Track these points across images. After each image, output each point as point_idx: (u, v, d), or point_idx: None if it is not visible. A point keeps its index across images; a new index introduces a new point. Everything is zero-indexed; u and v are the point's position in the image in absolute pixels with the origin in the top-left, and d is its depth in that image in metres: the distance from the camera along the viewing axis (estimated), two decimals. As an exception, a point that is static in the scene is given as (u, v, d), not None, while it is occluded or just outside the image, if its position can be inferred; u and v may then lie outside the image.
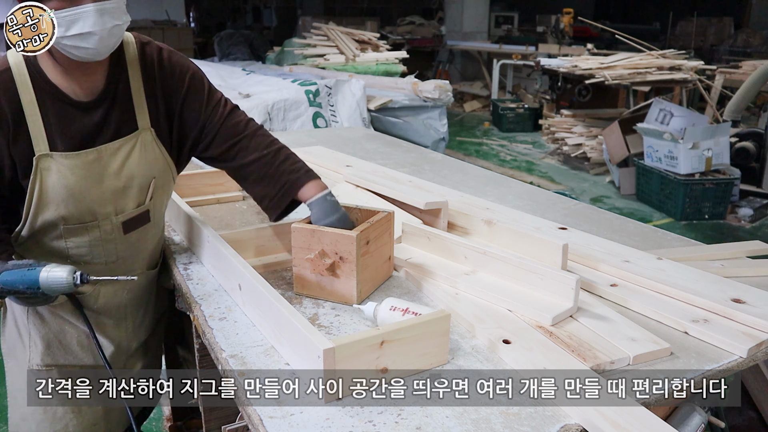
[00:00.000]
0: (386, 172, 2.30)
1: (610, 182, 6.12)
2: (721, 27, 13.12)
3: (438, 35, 11.85)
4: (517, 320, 1.30)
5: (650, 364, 1.17)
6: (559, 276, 1.33)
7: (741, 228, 4.98)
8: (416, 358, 1.13)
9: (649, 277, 1.46)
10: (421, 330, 1.12)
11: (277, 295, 1.21)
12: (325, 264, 1.35)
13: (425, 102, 5.24)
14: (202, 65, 6.13)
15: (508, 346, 1.19)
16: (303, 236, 1.38)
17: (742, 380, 1.86)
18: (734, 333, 1.25)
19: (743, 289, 1.42)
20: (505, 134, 8.43)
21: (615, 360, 1.16)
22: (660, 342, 1.21)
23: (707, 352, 1.22)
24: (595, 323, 1.28)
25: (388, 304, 1.27)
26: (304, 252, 1.38)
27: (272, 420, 1.00)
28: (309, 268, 1.38)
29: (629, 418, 0.99)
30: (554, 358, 1.15)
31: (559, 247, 1.44)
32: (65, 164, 1.31)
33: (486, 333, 1.24)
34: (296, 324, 1.10)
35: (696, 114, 5.76)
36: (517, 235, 1.56)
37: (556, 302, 1.32)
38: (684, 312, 1.34)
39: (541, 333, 1.25)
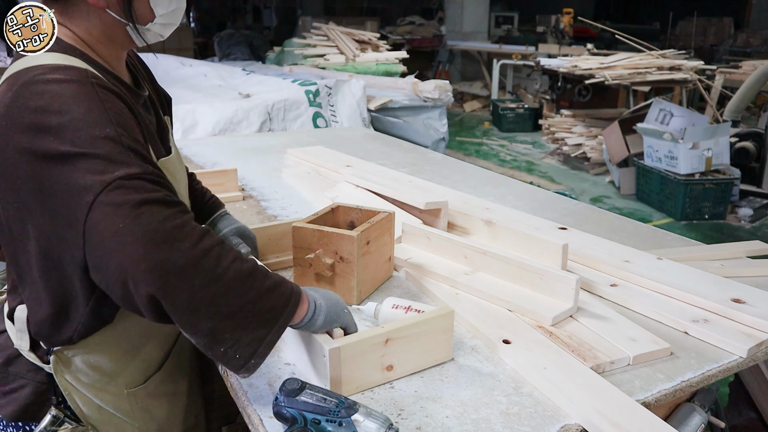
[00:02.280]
0: (386, 172, 2.30)
1: (610, 182, 6.12)
2: (721, 27, 13.12)
3: (438, 35, 11.85)
4: (517, 320, 1.30)
5: (650, 364, 1.17)
6: (560, 276, 1.33)
7: (741, 228, 4.98)
8: (421, 354, 1.13)
9: (649, 277, 1.46)
10: (425, 327, 1.12)
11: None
12: (326, 264, 1.35)
13: (425, 102, 5.24)
14: (202, 65, 6.14)
15: (508, 346, 1.19)
16: (303, 236, 1.37)
17: (742, 380, 1.86)
18: (734, 333, 1.25)
19: (743, 289, 1.42)
20: (505, 134, 8.43)
21: (615, 360, 1.16)
22: (660, 342, 1.21)
23: (707, 352, 1.22)
24: (595, 323, 1.28)
25: (390, 303, 1.27)
26: (304, 252, 1.38)
27: (272, 420, 1.00)
28: (309, 267, 1.38)
29: (630, 418, 0.99)
30: (554, 358, 1.15)
31: (559, 247, 1.44)
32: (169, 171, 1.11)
33: (486, 333, 1.24)
34: None
35: (696, 114, 5.76)
36: (517, 235, 1.56)
37: (556, 302, 1.32)
38: (684, 312, 1.34)
39: (541, 333, 1.24)
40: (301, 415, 0.94)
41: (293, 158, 2.64)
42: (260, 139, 3.28)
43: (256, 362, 0.95)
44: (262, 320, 0.93)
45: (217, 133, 4.02)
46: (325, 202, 2.05)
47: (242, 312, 0.91)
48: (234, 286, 0.89)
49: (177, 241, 0.86)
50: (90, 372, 1.11)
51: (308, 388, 0.97)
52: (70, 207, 0.87)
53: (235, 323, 0.91)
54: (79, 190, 0.86)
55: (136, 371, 1.16)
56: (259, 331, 0.93)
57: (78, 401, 1.13)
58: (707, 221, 5.04)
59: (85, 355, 1.10)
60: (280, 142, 3.10)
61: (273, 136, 3.48)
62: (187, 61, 6.22)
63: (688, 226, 4.95)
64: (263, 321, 0.93)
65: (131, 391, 1.16)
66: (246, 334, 0.92)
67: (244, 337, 0.92)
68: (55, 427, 1.13)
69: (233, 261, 0.91)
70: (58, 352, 1.09)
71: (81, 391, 1.12)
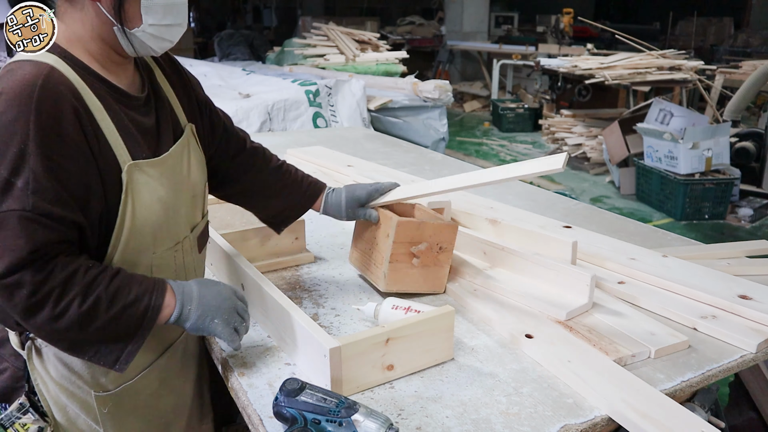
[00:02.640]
0: (388, 172, 2.30)
1: (610, 182, 6.12)
2: (721, 27, 13.12)
3: (438, 35, 11.85)
4: (536, 315, 1.32)
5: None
6: (575, 272, 1.35)
7: (741, 228, 4.98)
8: (422, 354, 1.14)
9: (655, 274, 1.48)
10: (426, 326, 1.13)
11: (281, 295, 1.21)
12: (435, 255, 1.37)
13: (425, 102, 5.24)
14: (202, 65, 6.14)
15: (531, 341, 1.22)
16: (408, 231, 1.36)
17: (742, 380, 1.86)
18: (743, 329, 1.27)
19: (749, 285, 1.43)
20: (505, 134, 8.43)
21: (636, 353, 1.18)
22: (678, 335, 1.24)
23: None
24: (611, 318, 1.31)
25: (390, 303, 1.27)
26: (404, 247, 1.36)
27: (272, 420, 1.00)
28: (409, 261, 1.37)
29: (657, 409, 1.01)
30: (577, 351, 1.18)
31: (569, 244, 1.46)
32: (154, 174, 1.09)
33: (507, 328, 1.27)
34: (302, 323, 1.10)
35: (696, 114, 5.75)
36: (524, 234, 1.58)
37: (571, 298, 1.34)
38: (691, 308, 1.36)
39: (561, 327, 1.27)
40: (301, 415, 0.94)
41: (293, 158, 2.64)
42: (260, 139, 3.25)
43: (121, 366, 1.04)
44: (117, 338, 1.03)
45: (217, 133, 4.02)
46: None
47: (93, 337, 1.01)
48: (74, 325, 0.97)
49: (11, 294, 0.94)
50: (60, 366, 1.12)
51: (308, 388, 0.97)
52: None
53: (90, 343, 1.02)
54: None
55: (107, 376, 1.13)
56: (117, 345, 1.03)
57: (46, 394, 1.15)
58: (707, 221, 5.04)
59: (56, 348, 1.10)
60: (280, 142, 3.10)
61: (273, 136, 3.48)
62: (187, 61, 6.22)
63: (688, 226, 4.95)
64: (118, 339, 1.03)
65: (99, 395, 1.14)
66: (104, 347, 1.03)
67: (102, 349, 1.03)
68: (20, 414, 1.16)
69: (70, 303, 0.96)
70: (33, 339, 1.13)
71: (49, 385, 1.14)
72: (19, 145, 0.93)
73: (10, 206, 0.93)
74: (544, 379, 1.12)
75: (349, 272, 1.57)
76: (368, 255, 1.44)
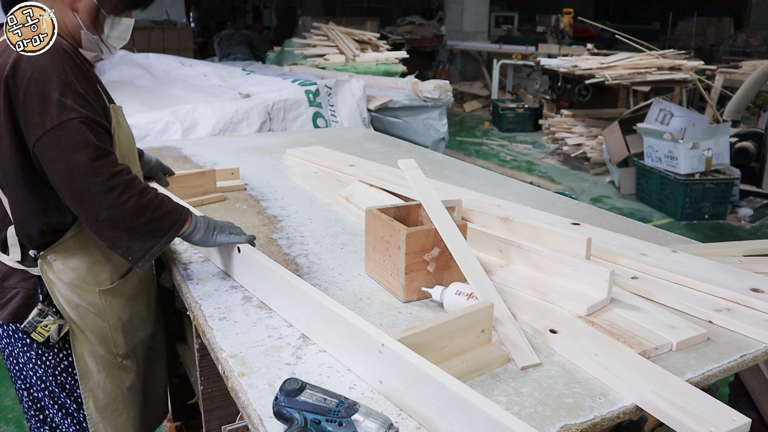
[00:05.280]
0: (392, 171, 2.30)
1: (610, 182, 6.12)
2: (721, 27, 13.12)
3: (438, 35, 11.86)
4: (557, 311, 1.33)
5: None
6: (593, 268, 1.36)
7: (741, 228, 4.98)
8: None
9: (667, 269, 1.49)
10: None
11: (325, 297, 1.21)
12: (447, 258, 1.38)
13: (425, 102, 5.23)
14: (202, 65, 6.13)
15: (555, 336, 1.23)
16: (418, 239, 1.36)
17: (742, 380, 1.86)
18: (758, 321, 1.29)
19: (760, 279, 1.45)
20: (505, 134, 8.44)
21: (659, 346, 1.20)
22: (698, 328, 1.25)
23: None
24: (630, 313, 1.32)
25: (454, 289, 1.31)
26: (417, 256, 1.37)
27: (272, 420, 1.00)
28: (424, 268, 1.37)
29: (687, 398, 1.03)
30: (603, 345, 1.19)
31: (583, 241, 1.47)
32: (121, 115, 1.46)
33: (530, 323, 1.28)
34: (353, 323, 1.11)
35: (696, 114, 5.76)
36: (536, 231, 1.59)
37: (590, 293, 1.35)
38: (706, 302, 1.37)
39: (583, 322, 1.28)
40: (301, 415, 0.94)
41: (293, 158, 2.64)
42: (260, 139, 3.28)
43: (143, 264, 1.36)
44: (150, 237, 1.34)
45: (217, 133, 4.02)
46: (339, 201, 2.05)
47: (134, 231, 1.32)
48: (129, 214, 1.30)
49: (94, 176, 1.26)
50: (69, 272, 1.44)
51: (308, 388, 0.97)
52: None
53: (129, 237, 1.32)
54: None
55: (107, 275, 1.50)
56: (147, 243, 1.34)
57: (60, 297, 1.44)
58: (707, 221, 5.05)
59: (64, 259, 1.43)
60: (280, 142, 3.10)
61: (273, 136, 3.48)
62: (187, 61, 6.20)
63: (688, 226, 4.95)
64: (151, 237, 1.35)
65: (102, 290, 1.49)
66: (137, 244, 1.34)
67: (134, 246, 1.34)
68: (40, 318, 1.42)
69: (131, 197, 1.29)
70: (43, 256, 1.41)
71: (61, 289, 1.43)
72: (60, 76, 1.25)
73: (70, 116, 1.24)
74: (544, 379, 1.12)
75: (350, 272, 1.57)
76: (383, 266, 1.45)
